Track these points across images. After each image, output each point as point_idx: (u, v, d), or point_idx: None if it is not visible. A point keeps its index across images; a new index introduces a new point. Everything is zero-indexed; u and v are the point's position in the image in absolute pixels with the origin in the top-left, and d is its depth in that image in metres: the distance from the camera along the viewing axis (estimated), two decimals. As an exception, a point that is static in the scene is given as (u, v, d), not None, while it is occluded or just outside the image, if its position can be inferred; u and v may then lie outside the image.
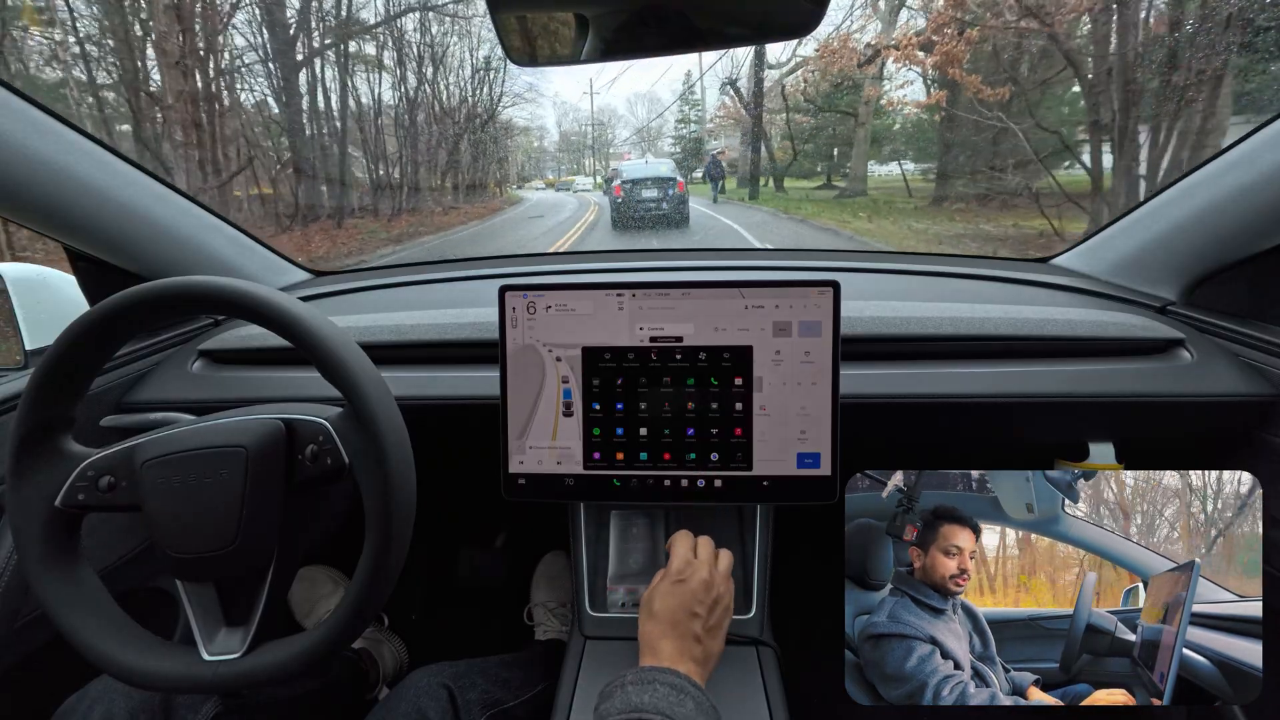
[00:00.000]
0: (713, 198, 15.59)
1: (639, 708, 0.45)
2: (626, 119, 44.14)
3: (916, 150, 13.07)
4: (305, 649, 0.50)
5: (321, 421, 0.53)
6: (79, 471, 0.52)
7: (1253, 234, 0.74)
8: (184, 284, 0.51)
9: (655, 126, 38.64)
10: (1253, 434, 0.74)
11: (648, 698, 0.46)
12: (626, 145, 41.01)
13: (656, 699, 0.46)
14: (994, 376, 0.75)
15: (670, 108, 37.02)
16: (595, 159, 39.56)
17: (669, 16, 0.51)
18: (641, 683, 0.48)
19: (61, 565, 0.52)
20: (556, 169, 39.50)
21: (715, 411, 0.64)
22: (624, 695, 0.47)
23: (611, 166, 21.20)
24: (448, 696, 0.69)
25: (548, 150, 40.78)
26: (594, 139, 39.90)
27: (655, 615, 0.56)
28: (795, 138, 15.75)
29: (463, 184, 15.35)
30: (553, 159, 40.65)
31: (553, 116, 44.35)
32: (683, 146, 30.37)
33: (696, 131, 29.26)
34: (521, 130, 27.22)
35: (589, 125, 40.33)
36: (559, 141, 42.36)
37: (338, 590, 1.17)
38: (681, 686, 0.48)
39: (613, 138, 42.42)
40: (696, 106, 30.58)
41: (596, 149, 40.05)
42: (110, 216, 0.81)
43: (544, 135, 41.85)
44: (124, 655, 0.50)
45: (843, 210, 10.87)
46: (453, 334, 0.82)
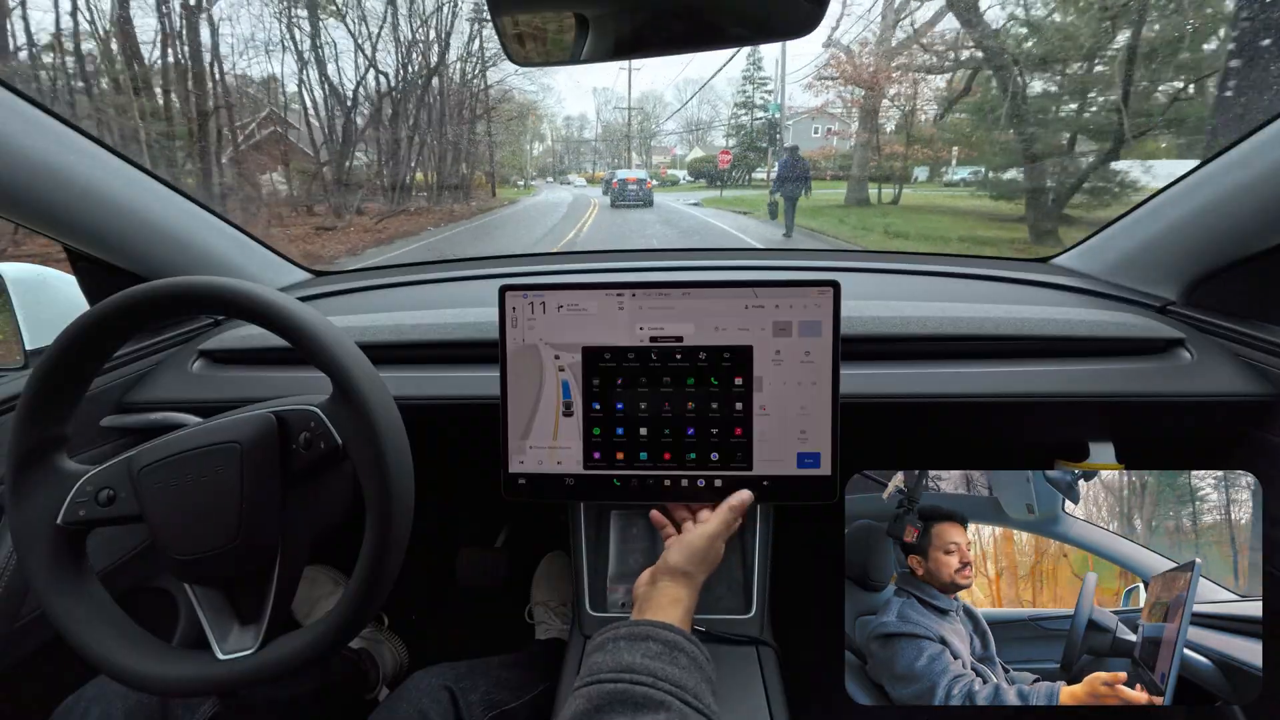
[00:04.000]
0: (782, 221, 9.93)
1: (629, 667, 0.44)
2: (674, 108, 39.30)
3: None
4: (316, 639, 0.50)
5: (312, 408, 0.53)
6: (78, 488, 0.53)
7: (1252, 233, 0.74)
8: (184, 284, 0.51)
9: (705, 118, 35.11)
10: (1253, 434, 0.74)
11: (639, 657, 0.45)
12: (674, 138, 37.09)
13: (648, 659, 0.45)
14: (994, 376, 0.75)
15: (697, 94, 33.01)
16: (634, 152, 35.13)
17: (669, 17, 0.52)
18: (634, 639, 0.47)
19: (70, 583, 0.52)
20: (594, 162, 36.32)
21: (715, 411, 0.64)
22: (615, 651, 0.46)
23: (610, 173, 23.38)
24: (450, 698, 0.69)
25: (587, 141, 37.60)
26: (631, 129, 35.33)
27: (703, 559, 0.58)
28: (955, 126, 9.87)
29: (433, 182, 14.04)
30: (593, 151, 37.56)
31: (592, 105, 41.17)
32: (740, 138, 25.23)
33: (766, 117, 23.92)
34: (518, 115, 22.94)
35: (628, 111, 35.50)
36: (601, 133, 38.80)
37: (338, 590, 1.17)
38: (676, 643, 0.47)
39: (657, 128, 37.85)
40: (763, 86, 24.78)
41: (638, 140, 35.65)
42: (110, 216, 0.81)
43: (584, 125, 38.74)
44: (141, 665, 0.50)
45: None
46: (453, 334, 0.82)
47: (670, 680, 0.43)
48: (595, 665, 0.46)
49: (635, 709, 0.41)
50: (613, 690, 0.42)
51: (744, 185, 23.65)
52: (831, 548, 0.68)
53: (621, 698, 0.42)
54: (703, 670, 0.47)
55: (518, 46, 0.56)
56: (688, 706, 0.42)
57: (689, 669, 0.45)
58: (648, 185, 17.16)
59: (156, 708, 0.64)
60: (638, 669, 0.44)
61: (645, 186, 17.03)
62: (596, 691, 0.43)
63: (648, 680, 0.43)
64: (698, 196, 20.87)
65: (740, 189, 23.03)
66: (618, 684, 0.43)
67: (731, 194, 20.83)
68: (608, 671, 0.44)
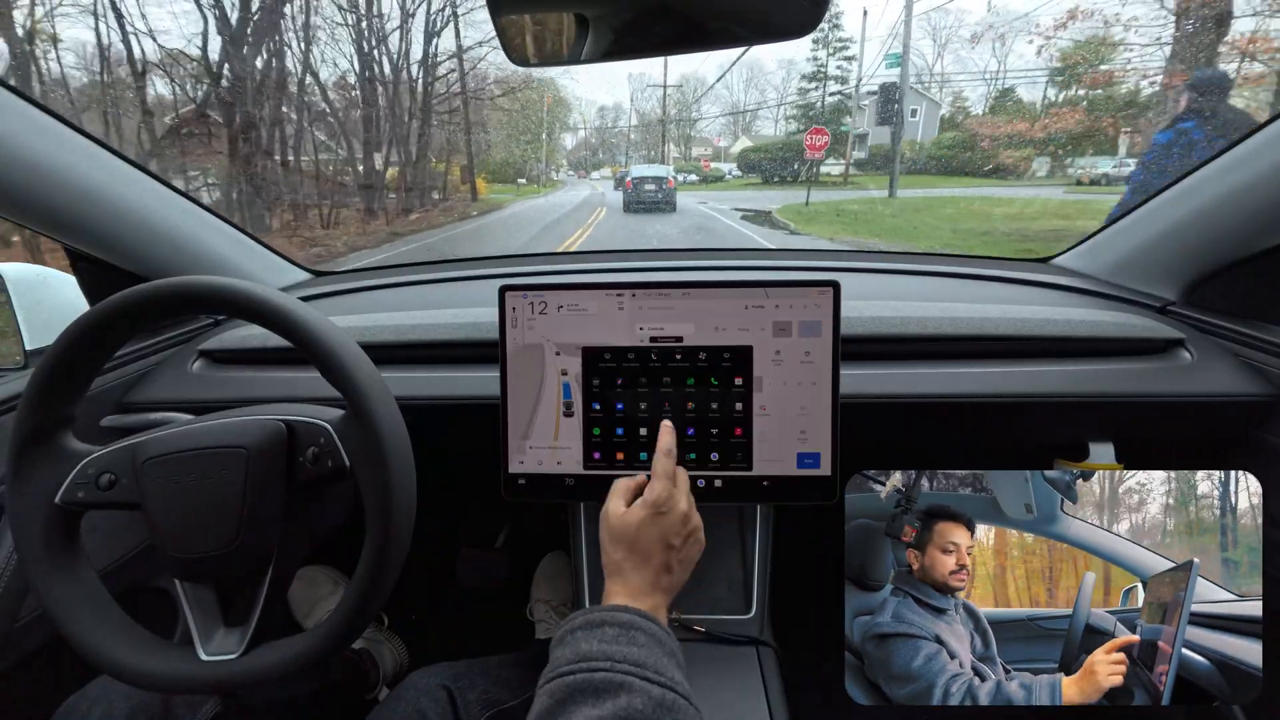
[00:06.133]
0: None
1: (586, 655, 0.44)
2: (718, 92, 34.75)
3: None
4: (302, 651, 0.50)
5: (323, 424, 0.53)
6: (79, 469, 0.52)
7: (1252, 234, 0.74)
8: (184, 284, 0.51)
9: (750, 105, 30.73)
10: (1252, 434, 0.74)
11: (595, 644, 0.45)
12: (719, 125, 32.50)
13: (605, 644, 0.45)
14: (994, 376, 0.75)
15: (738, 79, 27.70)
16: (671, 143, 29.10)
17: (669, 17, 0.52)
18: (590, 626, 0.47)
19: (61, 563, 0.52)
20: (627, 155, 31.69)
21: (715, 411, 0.64)
22: (573, 643, 0.46)
23: (623, 169, 19.92)
24: (447, 697, 0.69)
25: (621, 132, 33.08)
26: (667, 113, 29.00)
27: (632, 545, 0.54)
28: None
29: (379, 184, 10.98)
30: (627, 142, 33.12)
31: (626, 91, 35.74)
32: (804, 121, 18.20)
33: (840, 92, 16.80)
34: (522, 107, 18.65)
35: (663, 92, 30.49)
36: (636, 123, 33.89)
37: (338, 590, 1.17)
38: (631, 623, 0.47)
39: (698, 115, 32.80)
40: (843, 50, 18.14)
41: (676, 128, 29.59)
42: (110, 217, 0.81)
43: (619, 115, 34.77)
44: (121, 654, 0.50)
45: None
46: (453, 334, 0.82)
47: (628, 660, 0.44)
48: (556, 660, 0.46)
49: (596, 695, 0.42)
50: (572, 681, 0.43)
51: (808, 181, 17.01)
52: (831, 548, 0.68)
53: (582, 687, 0.42)
54: (663, 645, 0.47)
55: (518, 45, 0.56)
56: (649, 683, 0.42)
57: (648, 645, 0.45)
58: (669, 184, 13.37)
59: (158, 708, 0.64)
60: (594, 655, 0.44)
61: (667, 185, 13.30)
62: (558, 686, 0.43)
63: (604, 665, 0.43)
64: (768, 201, 14.06)
65: (791, 186, 16.93)
66: (576, 674, 0.43)
67: (821, 198, 13.80)
68: (566, 664, 0.44)
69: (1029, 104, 11.75)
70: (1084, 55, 10.29)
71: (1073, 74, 10.72)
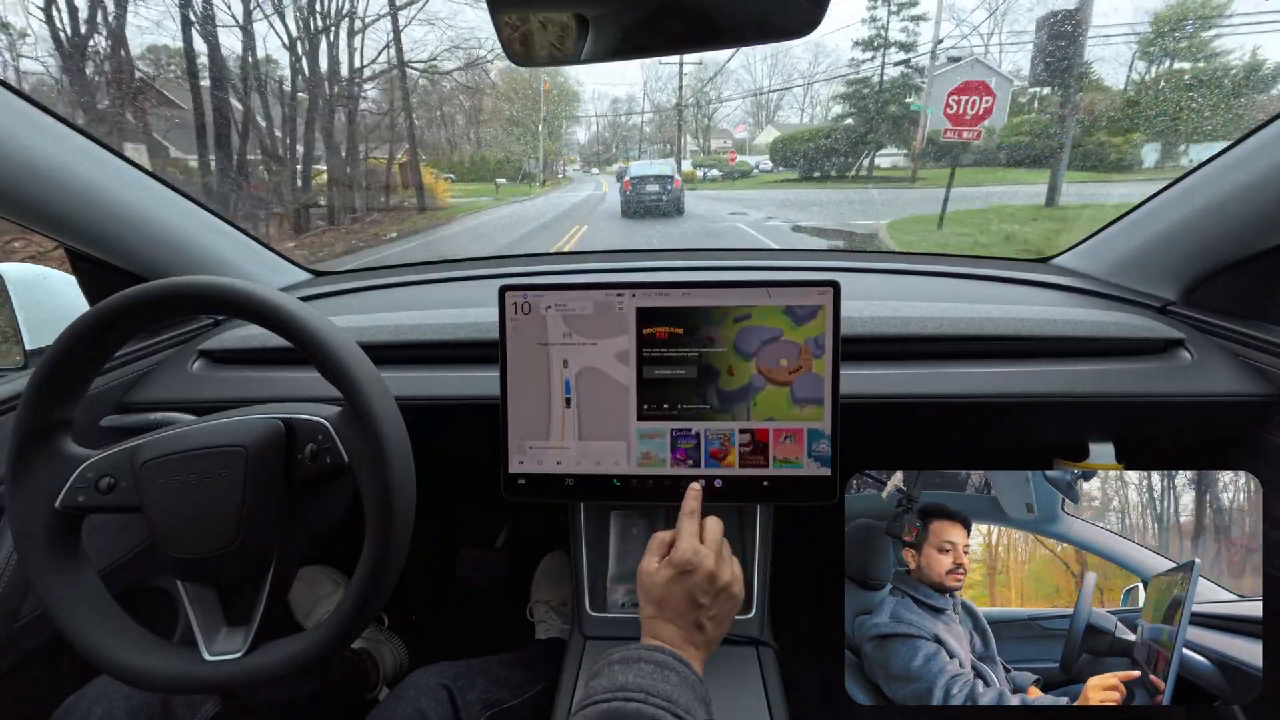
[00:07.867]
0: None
1: (623, 687, 0.46)
2: (740, 77, 31.74)
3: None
4: (304, 649, 0.50)
5: (321, 420, 0.53)
6: (79, 473, 0.52)
7: (1252, 234, 0.74)
8: (184, 284, 0.51)
9: (774, 95, 28.77)
10: (1252, 434, 0.74)
11: (631, 677, 0.47)
12: (739, 115, 29.96)
13: (640, 678, 0.47)
14: (994, 376, 0.75)
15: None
16: (688, 135, 25.70)
17: (669, 16, 0.52)
18: (627, 662, 0.49)
19: (62, 566, 0.52)
20: (641, 149, 28.88)
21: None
22: (610, 675, 0.48)
23: (621, 166, 17.60)
24: (447, 696, 0.69)
25: (635, 125, 30.86)
26: (683, 97, 25.77)
27: (660, 603, 0.55)
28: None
29: (294, 188, 8.23)
30: (640, 135, 30.41)
31: (640, 80, 32.22)
32: (856, 103, 14.28)
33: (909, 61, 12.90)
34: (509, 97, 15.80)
35: (679, 71, 26.07)
36: (650, 114, 31.09)
37: (338, 590, 1.17)
38: (666, 663, 0.49)
39: (716, 107, 29.36)
40: (911, 4, 14.35)
41: (693, 116, 26.44)
42: (110, 217, 0.80)
43: (633, 107, 32.53)
44: (123, 655, 0.50)
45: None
46: (453, 334, 0.82)
47: (662, 695, 0.45)
48: (592, 689, 0.48)
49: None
50: (607, 709, 0.44)
51: (856, 178, 14.15)
52: (831, 548, 0.68)
53: (617, 714, 0.44)
54: (695, 690, 0.48)
55: (517, 45, 0.56)
56: (678, 719, 0.44)
57: (679, 686, 0.47)
58: (675, 183, 11.40)
59: (158, 708, 0.64)
60: (630, 686, 0.46)
61: (672, 185, 11.36)
62: (593, 713, 0.45)
63: (639, 696, 0.45)
64: (824, 206, 11.27)
65: (836, 183, 13.72)
66: (612, 702, 0.45)
67: (920, 201, 9.74)
68: (603, 693, 0.46)
69: (1113, 87, 9.62)
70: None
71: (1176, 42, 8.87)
